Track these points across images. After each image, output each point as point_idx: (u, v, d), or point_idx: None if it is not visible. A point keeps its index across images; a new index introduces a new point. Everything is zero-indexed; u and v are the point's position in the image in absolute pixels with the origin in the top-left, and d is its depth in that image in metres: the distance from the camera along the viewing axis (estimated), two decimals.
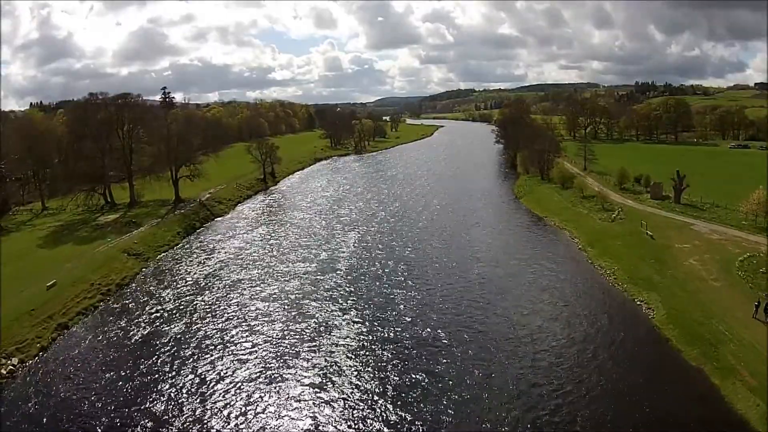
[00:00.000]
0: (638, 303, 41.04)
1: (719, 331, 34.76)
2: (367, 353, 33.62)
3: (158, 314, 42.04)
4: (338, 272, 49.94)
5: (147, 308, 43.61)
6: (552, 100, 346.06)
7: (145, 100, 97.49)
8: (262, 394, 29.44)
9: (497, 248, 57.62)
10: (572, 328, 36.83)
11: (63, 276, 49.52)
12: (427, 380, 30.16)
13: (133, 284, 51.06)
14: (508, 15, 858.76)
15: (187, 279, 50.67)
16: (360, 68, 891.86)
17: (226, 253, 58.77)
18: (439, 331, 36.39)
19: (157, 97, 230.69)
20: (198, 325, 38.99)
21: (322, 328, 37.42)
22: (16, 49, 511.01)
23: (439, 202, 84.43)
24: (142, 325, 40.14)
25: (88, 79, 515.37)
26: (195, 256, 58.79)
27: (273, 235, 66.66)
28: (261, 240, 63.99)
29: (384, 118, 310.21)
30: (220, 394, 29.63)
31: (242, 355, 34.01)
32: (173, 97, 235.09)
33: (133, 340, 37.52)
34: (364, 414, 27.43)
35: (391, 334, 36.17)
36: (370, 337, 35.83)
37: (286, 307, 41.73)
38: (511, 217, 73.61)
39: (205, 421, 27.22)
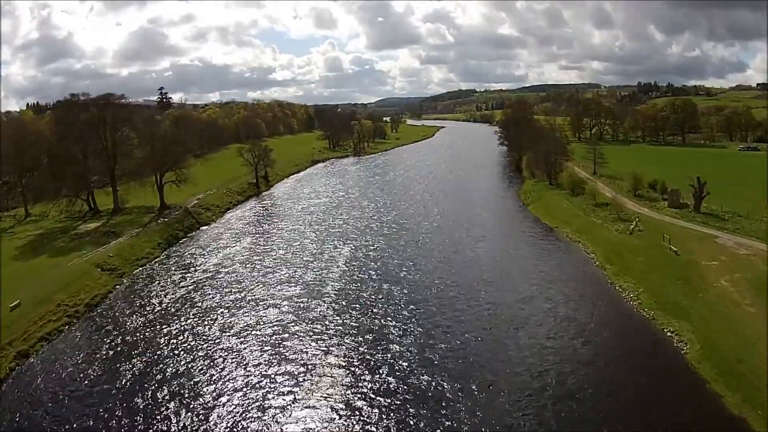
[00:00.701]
0: (668, 334, 36.01)
1: (763, 371, 29.92)
2: (355, 411, 27.94)
3: (120, 347, 37.14)
4: (325, 299, 43.85)
5: (110, 338, 38.80)
6: (553, 100, 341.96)
7: (130, 101, 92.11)
8: None
9: (506, 267, 51.72)
10: (599, 371, 31.66)
11: (30, 294, 45.13)
12: None
13: (103, 305, 46.46)
14: (508, 15, 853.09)
15: (159, 302, 45.59)
16: (361, 69, 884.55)
17: (204, 271, 53.42)
18: (442, 379, 30.52)
19: (154, 98, 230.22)
20: (160, 365, 33.84)
21: (300, 375, 31.57)
22: (16, 49, 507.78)
23: (440, 211, 78.43)
24: (101, 359, 35.38)
25: (88, 79, 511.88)
26: (172, 273, 53.74)
27: (257, 249, 61.18)
28: (244, 255, 58.48)
29: (384, 118, 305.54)
30: None
31: (204, 408, 28.74)
32: (170, 98, 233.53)
33: (88, 379, 32.67)
34: None
35: (385, 385, 30.33)
36: (359, 388, 30.00)
37: (261, 344, 35.87)
38: (520, 228, 67.54)
39: None
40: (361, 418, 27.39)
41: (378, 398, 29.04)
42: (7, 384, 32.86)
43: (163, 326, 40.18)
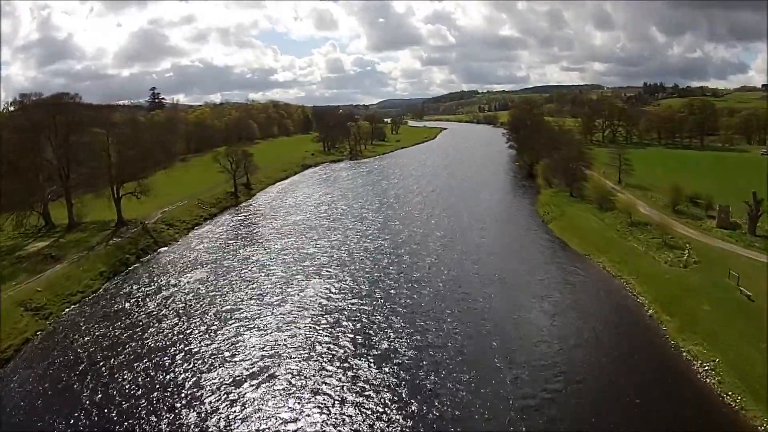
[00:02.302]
0: None
1: None
2: None
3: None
4: (272, 390, 30.01)
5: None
6: (557, 101, 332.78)
7: (83, 102, 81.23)
8: None
9: (535, 326, 37.65)
10: None
11: None
12: None
13: (15, 361, 36.00)
14: (509, 16, 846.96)
15: (68, 367, 34.51)
16: (362, 70, 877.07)
17: (132, 324, 40.92)
18: None
19: (144, 99, 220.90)
20: None
21: None
22: (16, 50, 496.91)
23: (443, 234, 63.68)
24: None
25: (88, 80, 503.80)
26: (97, 320, 42.25)
27: (207, 289, 47.48)
28: (188, 299, 45.11)
29: (385, 119, 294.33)
30: None
31: None
32: (162, 98, 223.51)
33: None
34: None
35: None
36: None
37: None
38: (543, 258, 53.59)
39: None
40: None
41: None
42: None
43: (66, 400, 29.73)
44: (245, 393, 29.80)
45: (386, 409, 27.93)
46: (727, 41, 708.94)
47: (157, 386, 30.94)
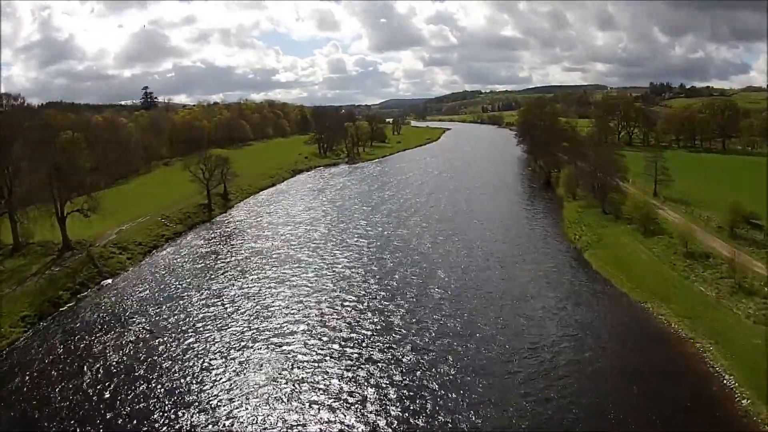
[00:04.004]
0: None
1: None
2: None
3: None
4: None
5: None
6: (563, 101, 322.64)
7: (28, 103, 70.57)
8: None
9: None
10: None
11: None
12: None
13: None
14: (510, 16, 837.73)
15: None
16: (364, 70, 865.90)
17: (37, 399, 30.09)
18: None
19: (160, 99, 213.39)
20: None
21: None
22: (17, 51, 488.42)
23: (449, 276, 48.44)
24: None
25: (90, 81, 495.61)
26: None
27: (137, 356, 34.98)
28: (103, 371, 33.11)
29: (387, 120, 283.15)
30: None
31: None
32: (155, 98, 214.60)
33: None
34: None
35: None
36: None
37: None
38: (589, 310, 39.98)
39: None
40: None
41: None
42: None
43: None
44: None
45: None
46: (728, 42, 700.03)
47: None
